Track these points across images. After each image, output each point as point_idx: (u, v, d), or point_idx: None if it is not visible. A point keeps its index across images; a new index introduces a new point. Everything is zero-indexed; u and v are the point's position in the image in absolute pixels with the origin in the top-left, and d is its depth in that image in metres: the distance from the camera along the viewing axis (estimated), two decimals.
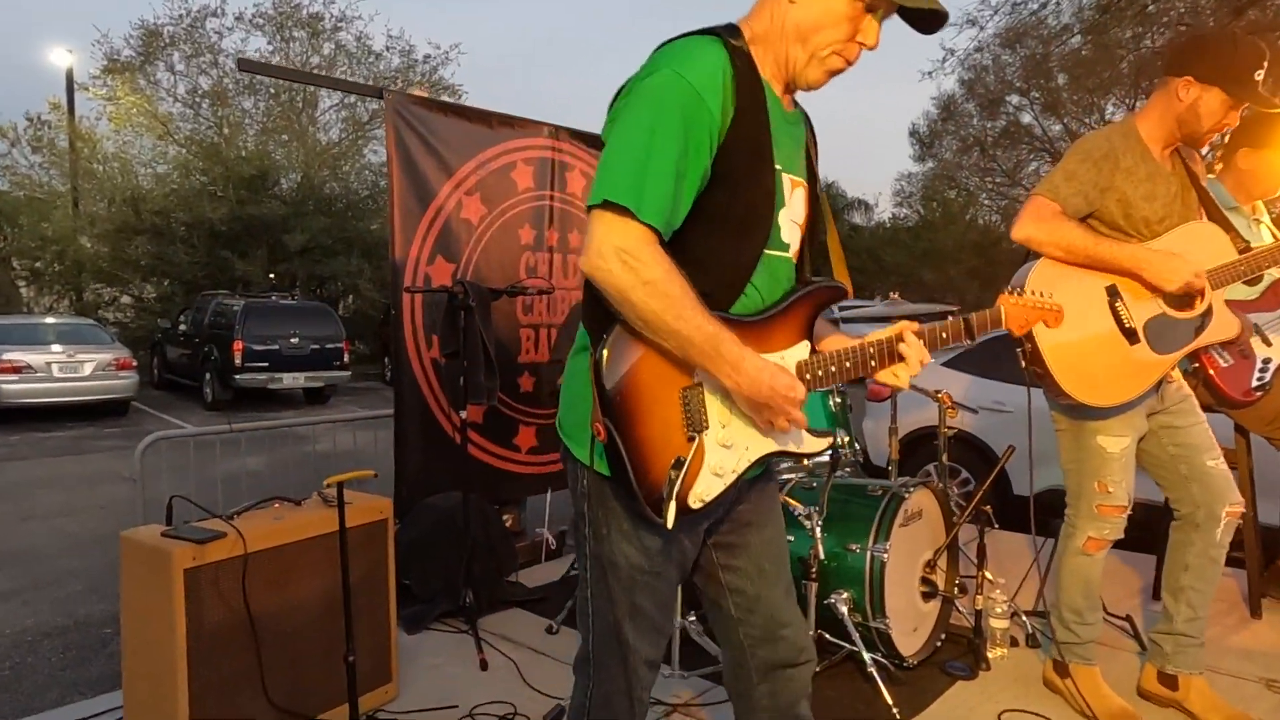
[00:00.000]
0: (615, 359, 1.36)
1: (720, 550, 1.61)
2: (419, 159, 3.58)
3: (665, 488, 1.35)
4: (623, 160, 1.30)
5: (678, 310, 1.28)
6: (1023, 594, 3.34)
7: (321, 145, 21.25)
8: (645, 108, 1.31)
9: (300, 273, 18.99)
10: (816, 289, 1.50)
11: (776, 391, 1.35)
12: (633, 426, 1.35)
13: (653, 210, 1.28)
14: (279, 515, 2.46)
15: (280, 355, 12.85)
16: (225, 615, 2.25)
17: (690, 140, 1.31)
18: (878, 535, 2.75)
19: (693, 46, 1.35)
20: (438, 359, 3.63)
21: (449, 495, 3.54)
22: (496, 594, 3.51)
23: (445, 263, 3.69)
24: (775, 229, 1.44)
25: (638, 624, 1.51)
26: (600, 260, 1.28)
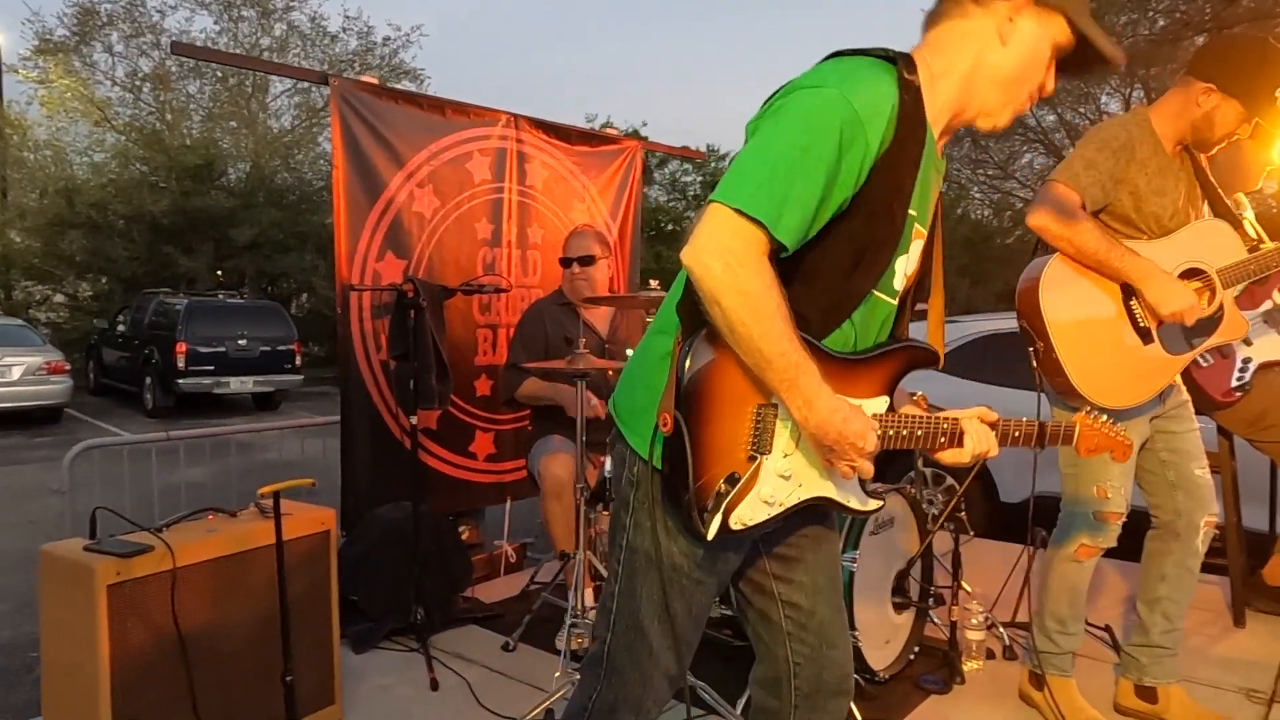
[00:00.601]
0: (700, 354, 1.38)
1: (776, 561, 1.63)
2: (368, 149, 3.58)
3: (712, 499, 1.38)
4: (768, 173, 1.30)
5: (765, 328, 1.29)
6: (1001, 605, 3.40)
7: (273, 133, 21.12)
8: (804, 124, 1.31)
9: (249, 269, 18.83)
10: (913, 348, 1.52)
11: (845, 436, 1.36)
12: (700, 427, 1.37)
13: (786, 229, 1.29)
14: (212, 527, 2.46)
15: (227, 358, 12.76)
16: (153, 635, 2.25)
17: (841, 168, 1.32)
18: (847, 543, 2.80)
19: (866, 70, 1.35)
20: (386, 361, 3.64)
21: (399, 505, 3.55)
22: (450, 610, 3.52)
23: (395, 259, 3.70)
24: (890, 273, 1.46)
25: (665, 630, 1.51)
26: (704, 255, 1.28)
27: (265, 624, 2.46)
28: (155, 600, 2.25)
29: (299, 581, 2.56)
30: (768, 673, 1.67)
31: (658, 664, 1.53)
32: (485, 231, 4.05)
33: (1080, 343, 2.45)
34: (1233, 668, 3.08)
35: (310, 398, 14.66)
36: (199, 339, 12.59)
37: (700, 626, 1.58)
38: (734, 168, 1.33)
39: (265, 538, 2.45)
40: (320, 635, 2.67)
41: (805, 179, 1.29)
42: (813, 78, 1.36)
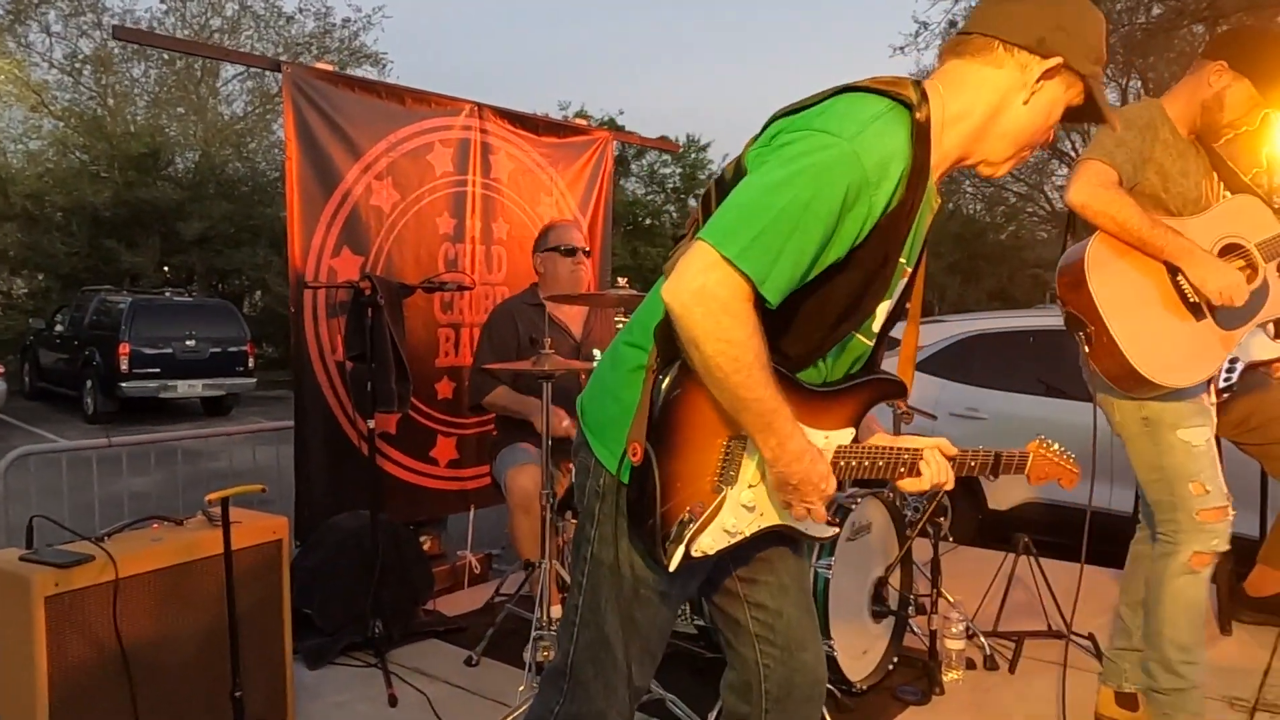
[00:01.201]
0: (676, 387, 1.44)
1: (740, 564, 1.70)
2: (322, 139, 3.61)
3: (675, 528, 1.45)
4: (765, 225, 1.31)
5: (744, 377, 1.34)
6: (982, 614, 3.48)
7: (224, 119, 20.99)
8: (809, 178, 1.32)
9: (198, 265, 18.70)
10: (881, 381, 1.60)
11: (808, 479, 1.43)
12: (669, 458, 1.44)
13: (773, 287, 1.33)
14: (157, 536, 2.49)
15: (174, 360, 12.68)
16: (93, 649, 2.27)
17: (841, 227, 1.36)
18: (821, 550, 2.86)
19: (881, 122, 1.37)
20: (342, 362, 3.66)
21: (356, 514, 3.57)
22: (410, 624, 3.55)
23: (352, 255, 3.73)
24: (871, 318, 1.55)
25: (630, 641, 1.57)
26: (685, 296, 1.31)
27: (213, 638, 2.48)
28: (96, 613, 2.27)
29: (249, 593, 2.59)
30: (738, 677, 1.74)
31: (622, 675, 1.59)
32: (447, 226, 4.08)
33: (1133, 321, 2.46)
34: (1216, 674, 3.18)
35: (264, 402, 14.57)
36: (144, 340, 12.49)
37: (665, 637, 1.64)
38: (730, 208, 1.35)
39: (213, 547, 2.47)
40: (272, 650, 2.69)
41: (802, 237, 1.32)
42: (825, 121, 1.37)
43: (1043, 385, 5.17)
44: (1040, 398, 5.14)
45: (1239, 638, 3.55)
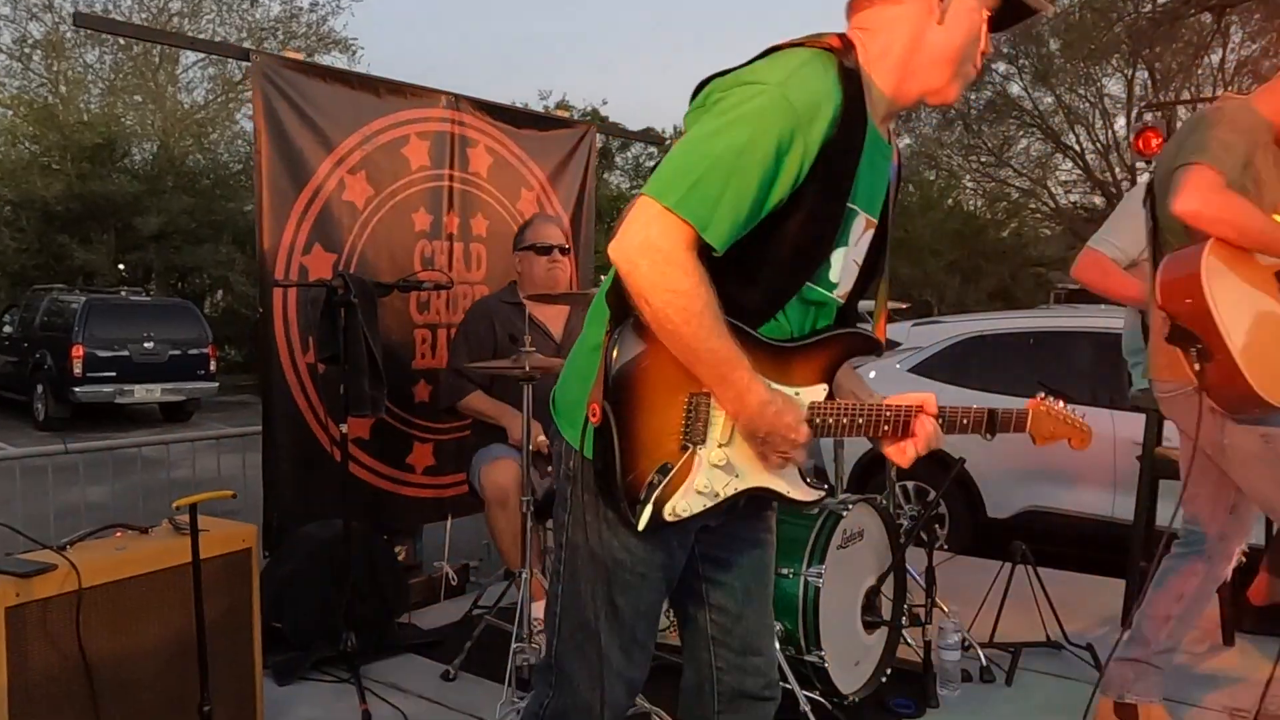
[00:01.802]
0: (630, 343, 1.51)
1: (708, 563, 1.75)
2: (293, 132, 3.65)
3: (644, 490, 1.50)
4: (702, 172, 1.41)
5: (694, 326, 1.41)
6: (979, 624, 3.55)
7: (184, 108, 20.91)
8: (742, 124, 1.42)
9: (156, 263, 18.63)
10: (850, 334, 1.65)
11: (776, 429, 1.49)
12: (630, 417, 1.50)
13: (715, 232, 1.41)
14: (121, 545, 2.52)
15: (131, 363, 12.65)
16: (55, 661, 2.30)
17: (779, 170, 1.44)
18: (812, 558, 2.92)
19: (808, 66, 1.47)
20: (314, 364, 3.70)
21: (328, 523, 3.61)
22: (384, 637, 3.59)
23: (324, 252, 3.77)
24: (826, 265, 1.58)
25: (614, 628, 1.61)
26: (630, 251, 1.40)
27: (180, 650, 2.52)
28: (58, 624, 2.31)
29: (217, 604, 2.62)
30: (691, 675, 1.81)
31: (609, 665, 1.63)
32: (423, 223, 4.13)
33: (1251, 338, 2.38)
34: (1217, 686, 3.27)
35: (226, 408, 14.54)
36: (98, 342, 12.46)
37: (653, 626, 1.69)
38: (667, 162, 1.45)
39: (180, 556, 2.51)
40: (241, 663, 2.73)
41: (740, 181, 1.41)
42: (753, 74, 1.47)
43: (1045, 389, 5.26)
44: None
45: (1242, 648, 3.64)
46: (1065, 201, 23.31)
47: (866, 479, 5.45)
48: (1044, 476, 5.09)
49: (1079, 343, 5.37)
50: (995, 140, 22.99)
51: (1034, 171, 23.28)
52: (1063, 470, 5.01)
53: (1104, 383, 4.94)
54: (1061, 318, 6.11)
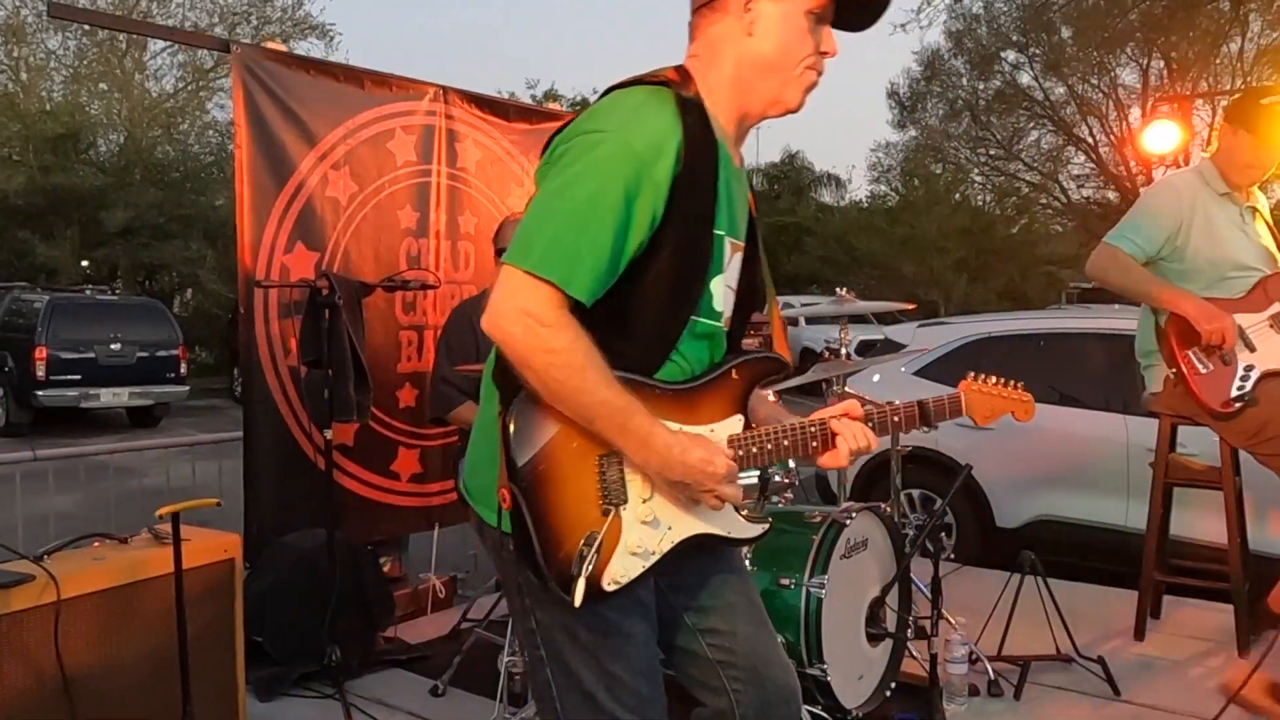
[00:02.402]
0: (525, 420, 1.55)
1: (676, 593, 1.79)
2: (275, 126, 3.69)
3: (575, 564, 1.53)
4: (555, 229, 1.49)
5: (579, 381, 1.48)
6: (986, 637, 3.61)
7: (151, 97, 20.90)
8: (588, 176, 1.50)
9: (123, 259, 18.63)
10: (753, 359, 1.72)
11: (691, 468, 1.53)
12: (543, 495, 1.54)
13: (580, 285, 1.49)
14: (100, 555, 2.57)
15: (96, 366, 12.62)
16: (33, 675, 2.34)
17: (633, 216, 1.52)
18: (814, 568, 2.98)
19: (644, 109, 1.56)
20: (296, 367, 3.74)
21: (310, 533, 3.65)
22: (370, 651, 3.63)
23: (306, 251, 3.81)
24: (707, 295, 1.66)
25: (617, 695, 1.62)
26: (502, 321, 1.47)
27: (161, 664, 2.56)
28: (36, 637, 2.35)
29: (199, 616, 2.67)
30: (711, 710, 1.81)
31: None
32: (409, 220, 4.17)
33: None
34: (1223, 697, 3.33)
35: (197, 413, 14.51)
36: (62, 343, 12.42)
37: (655, 678, 1.69)
38: (523, 226, 1.54)
39: (161, 566, 2.56)
40: (223, 678, 2.78)
41: (595, 232, 1.49)
42: (592, 121, 1.55)
43: (1056, 394, 5.32)
44: (1055, 407, 5.28)
45: None
46: (1077, 196, 23.41)
47: (870, 487, 5.51)
48: (1055, 484, 5.15)
49: (1092, 345, 5.42)
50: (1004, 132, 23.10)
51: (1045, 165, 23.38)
52: (1074, 478, 5.07)
53: (1118, 386, 5.00)
54: (1074, 318, 6.17)
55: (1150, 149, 6.55)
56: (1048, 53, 20.99)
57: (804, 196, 28.98)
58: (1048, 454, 5.20)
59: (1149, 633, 3.90)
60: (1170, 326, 3.48)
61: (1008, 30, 21.44)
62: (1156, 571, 3.92)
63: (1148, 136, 6.43)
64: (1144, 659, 3.70)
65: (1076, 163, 23.30)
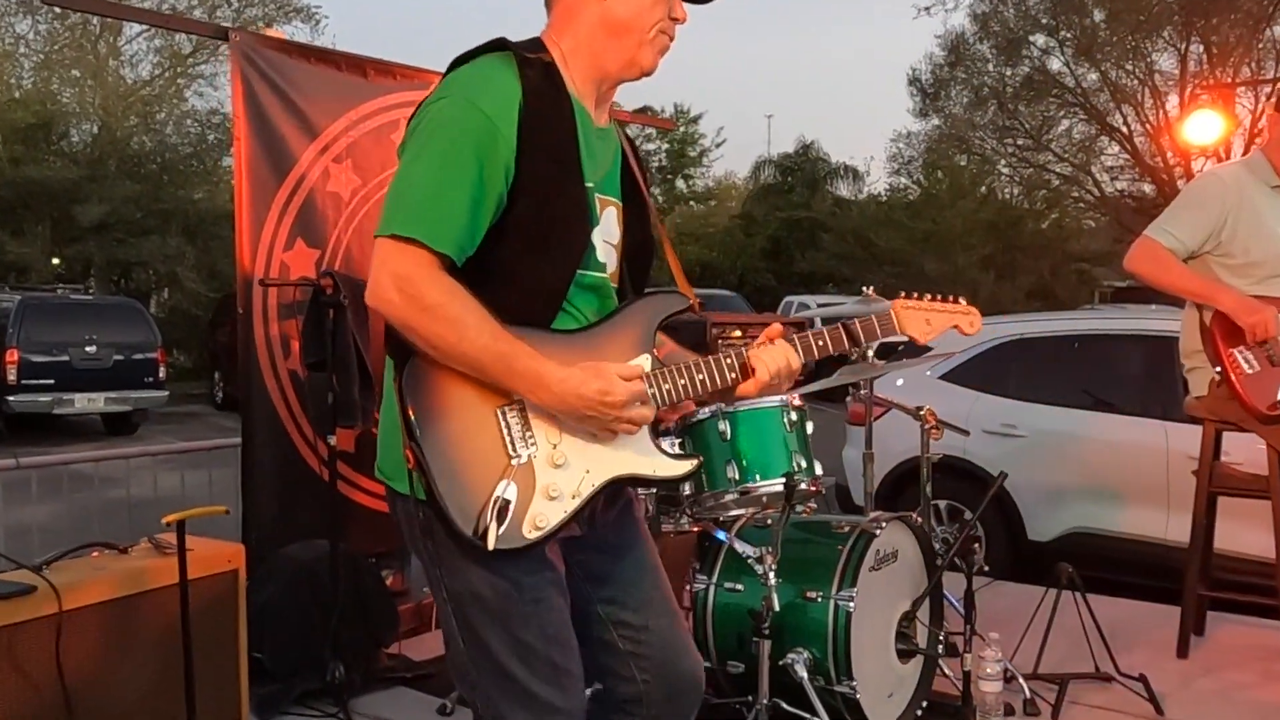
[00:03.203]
0: (418, 381, 1.67)
1: (592, 584, 1.91)
2: (274, 117, 3.75)
3: (489, 512, 1.63)
4: (413, 193, 1.65)
5: (460, 331, 1.61)
6: (1021, 654, 3.66)
7: (127, 84, 20.99)
8: (437, 138, 1.66)
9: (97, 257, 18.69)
10: (652, 295, 1.86)
11: (588, 400, 1.66)
12: (446, 451, 1.65)
13: (445, 239, 1.63)
14: (101, 566, 2.63)
15: (70, 369, 12.69)
16: (32, 690, 2.40)
17: (486, 170, 1.66)
18: (843, 580, 3.03)
19: (486, 69, 1.72)
20: (296, 371, 3.80)
21: (311, 544, 3.70)
22: (373, 668, 3.69)
23: (307, 248, 3.87)
24: (590, 249, 1.80)
25: (529, 663, 1.73)
26: (380, 290, 1.61)
27: (163, 678, 2.63)
28: (37, 649, 2.41)
29: (202, 629, 2.73)
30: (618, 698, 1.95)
31: (537, 702, 1.74)
32: None
33: None
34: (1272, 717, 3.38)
35: (175, 420, 14.59)
36: (35, 346, 12.50)
37: (569, 646, 1.80)
38: (386, 200, 1.70)
39: (163, 577, 2.63)
40: (225, 693, 2.85)
41: (451, 189, 1.64)
42: (439, 92, 1.71)
43: (1092, 399, 5.37)
44: (1088, 412, 5.34)
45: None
46: (1111, 190, 23.44)
47: (895, 496, 5.56)
48: (1091, 495, 5.19)
49: (1128, 347, 5.47)
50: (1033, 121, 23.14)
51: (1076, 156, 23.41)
52: (1112, 488, 5.11)
53: (1157, 391, 5.04)
54: (1108, 319, 6.21)
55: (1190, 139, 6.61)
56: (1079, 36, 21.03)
57: (819, 190, 29.07)
58: (1083, 463, 5.25)
59: (1192, 650, 3.95)
60: (1215, 324, 3.54)
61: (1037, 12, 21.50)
62: (1200, 586, 3.97)
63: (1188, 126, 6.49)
64: (1188, 677, 3.75)
65: (1110, 154, 23.34)
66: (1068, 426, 5.35)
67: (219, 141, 20.84)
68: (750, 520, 3.31)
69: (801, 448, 3.17)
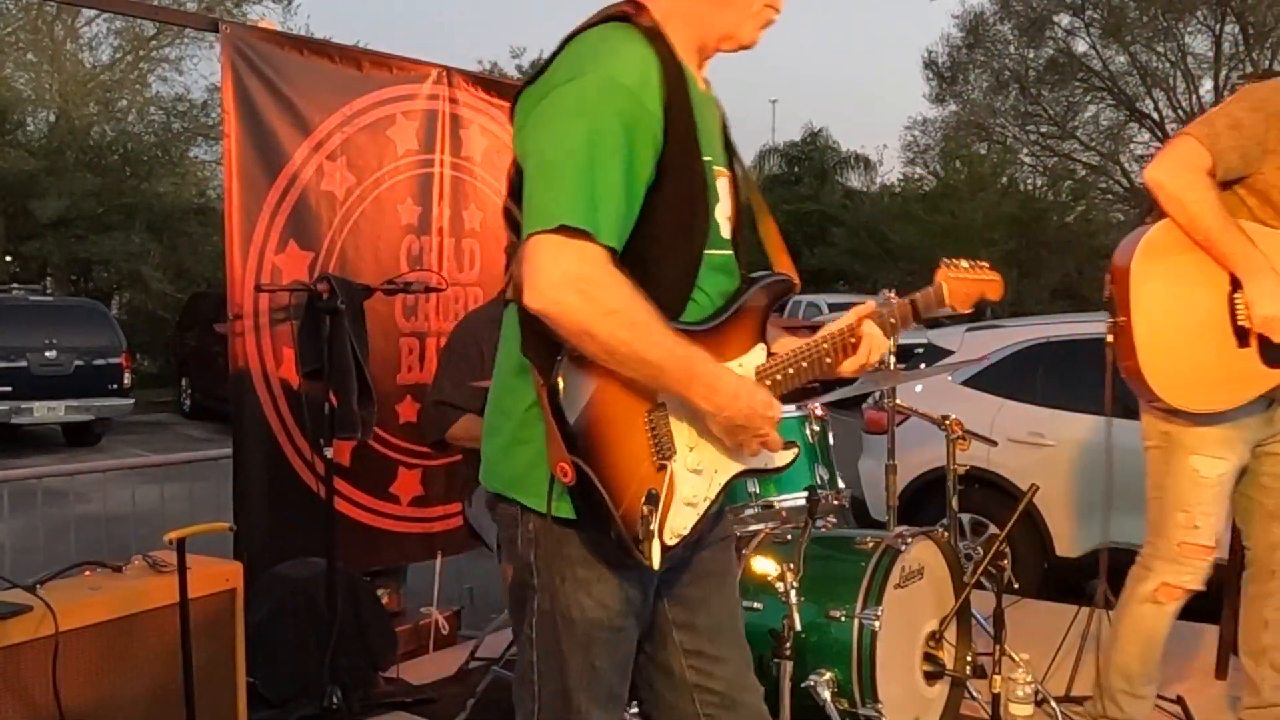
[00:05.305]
0: (572, 389, 1.67)
1: (676, 606, 1.96)
2: (266, 112, 3.84)
3: (640, 525, 1.68)
4: (565, 177, 1.62)
5: (644, 337, 1.61)
6: (1053, 676, 3.75)
7: (86, 69, 21.01)
8: (578, 117, 1.64)
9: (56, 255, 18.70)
10: (764, 284, 1.91)
11: (755, 411, 1.72)
12: (601, 461, 1.67)
13: (609, 230, 1.62)
14: (96, 585, 2.71)
15: (29, 376, 12.69)
16: (30, 713, 2.48)
17: (636, 148, 1.67)
18: (867, 599, 3.11)
19: (614, 42, 1.71)
20: (289, 380, 3.89)
21: (305, 562, 3.79)
22: (370, 693, 3.77)
23: (300, 250, 3.96)
24: (714, 226, 1.83)
25: (593, 689, 1.82)
26: (553, 293, 1.57)
27: (161, 700, 2.72)
28: (33, 671, 2.50)
29: (200, 650, 2.81)
30: None
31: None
32: (411, 215, 4.33)
33: (1163, 325, 2.83)
34: None
35: (141, 429, 14.59)
36: None
37: (627, 677, 1.91)
38: (530, 195, 1.65)
39: (161, 597, 2.71)
40: (223, 716, 2.92)
41: (604, 169, 1.63)
42: (564, 71, 1.70)
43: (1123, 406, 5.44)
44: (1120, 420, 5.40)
45: None
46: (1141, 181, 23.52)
47: (915, 509, 5.63)
48: (1123, 509, 5.26)
49: None
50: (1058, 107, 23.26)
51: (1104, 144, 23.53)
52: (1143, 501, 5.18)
53: None
54: None
55: None
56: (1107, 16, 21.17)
57: (828, 181, 29.12)
58: (1115, 475, 5.32)
59: (1231, 670, 4.03)
60: None
61: None
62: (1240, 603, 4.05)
63: None
64: (1227, 698, 3.83)
65: (1140, 141, 23.47)
66: (1100, 436, 5.41)
67: (185, 131, 20.87)
68: (769, 535, 3.40)
69: (824, 459, 3.26)
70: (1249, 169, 2.82)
